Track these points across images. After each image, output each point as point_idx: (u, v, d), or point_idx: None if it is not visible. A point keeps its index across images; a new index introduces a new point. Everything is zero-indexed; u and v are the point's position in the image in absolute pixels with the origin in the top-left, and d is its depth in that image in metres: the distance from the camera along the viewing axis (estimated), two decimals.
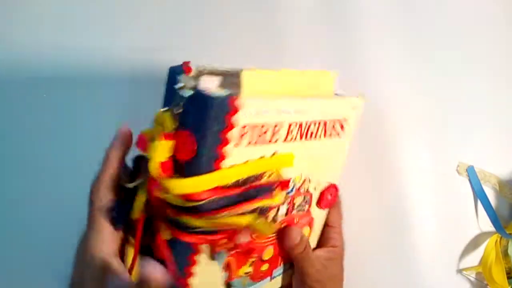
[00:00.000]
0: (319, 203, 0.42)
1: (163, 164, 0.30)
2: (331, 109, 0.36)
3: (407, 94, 0.55)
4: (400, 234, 0.54)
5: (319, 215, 0.43)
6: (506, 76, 0.55)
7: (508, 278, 0.51)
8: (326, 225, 0.44)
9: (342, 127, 0.38)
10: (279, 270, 0.43)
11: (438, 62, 0.55)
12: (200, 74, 0.32)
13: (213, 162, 0.30)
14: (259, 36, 0.54)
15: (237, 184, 0.32)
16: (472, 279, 0.53)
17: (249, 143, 0.31)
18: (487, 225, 0.53)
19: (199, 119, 0.29)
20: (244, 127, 0.30)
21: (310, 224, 0.43)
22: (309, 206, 0.41)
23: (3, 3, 0.53)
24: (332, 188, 0.42)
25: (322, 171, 0.40)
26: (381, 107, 0.55)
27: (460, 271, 0.53)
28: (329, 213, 0.44)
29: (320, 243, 0.45)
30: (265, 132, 0.32)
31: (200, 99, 0.29)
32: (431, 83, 0.55)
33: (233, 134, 0.30)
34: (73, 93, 0.53)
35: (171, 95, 0.31)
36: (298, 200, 0.39)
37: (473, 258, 0.53)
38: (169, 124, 0.30)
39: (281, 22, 0.55)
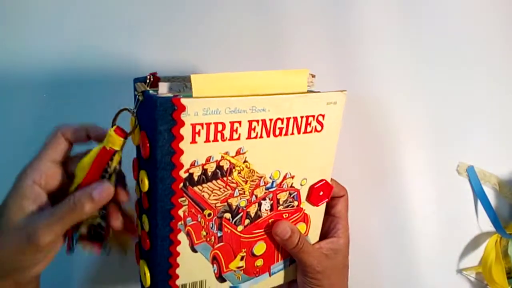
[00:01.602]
0: (310, 199, 0.42)
1: (104, 149, 0.36)
2: (299, 106, 0.37)
3: (407, 94, 0.55)
4: (400, 234, 0.54)
5: (315, 211, 0.43)
6: (505, 77, 0.55)
7: (508, 278, 0.51)
8: (331, 215, 0.44)
9: (320, 123, 0.39)
10: (278, 266, 0.44)
11: (439, 62, 0.55)
12: (163, 81, 0.36)
13: (170, 158, 0.34)
14: (260, 39, 0.54)
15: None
16: (472, 279, 0.53)
17: (207, 140, 0.35)
18: (487, 225, 0.53)
19: (150, 119, 0.33)
20: (195, 125, 0.34)
21: (306, 220, 0.43)
22: (299, 202, 0.42)
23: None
24: (324, 184, 0.42)
25: (306, 167, 0.40)
26: (381, 107, 0.55)
27: (460, 271, 0.53)
28: (335, 203, 0.44)
29: (324, 233, 0.45)
30: (222, 130, 0.35)
31: (147, 102, 0.34)
32: (432, 84, 0.55)
33: (184, 132, 0.33)
34: (68, 94, 0.54)
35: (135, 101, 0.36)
36: (282, 196, 0.40)
37: (473, 258, 0.53)
38: (132, 122, 0.36)
39: (281, 24, 0.55)
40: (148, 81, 0.36)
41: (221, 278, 0.41)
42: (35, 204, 0.34)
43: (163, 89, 0.35)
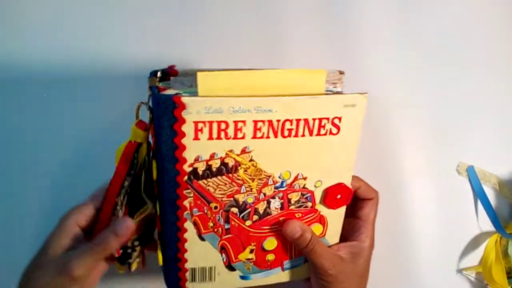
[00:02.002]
0: (325, 202, 0.41)
1: (129, 143, 0.39)
2: (310, 107, 0.36)
3: (407, 94, 0.55)
4: (400, 234, 0.54)
5: (333, 213, 0.42)
6: (506, 76, 0.55)
7: (508, 278, 0.51)
8: (357, 217, 0.43)
9: (336, 125, 0.38)
10: (292, 262, 0.43)
11: (439, 62, 0.55)
12: (183, 74, 0.36)
13: (173, 152, 0.35)
14: (260, 37, 0.55)
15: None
16: (472, 279, 0.53)
17: (210, 138, 0.35)
18: (487, 225, 0.53)
19: (155, 115, 0.35)
20: (197, 123, 0.35)
21: (322, 221, 0.42)
22: (313, 203, 0.41)
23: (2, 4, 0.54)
24: (341, 187, 0.41)
25: (320, 169, 0.39)
26: (381, 107, 0.55)
27: (460, 271, 0.53)
28: (363, 205, 0.43)
29: (347, 236, 0.43)
30: (225, 129, 0.35)
31: (153, 97, 0.35)
32: (431, 83, 0.55)
33: (186, 129, 0.35)
34: (72, 93, 0.54)
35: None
36: (294, 196, 0.40)
37: (473, 258, 0.53)
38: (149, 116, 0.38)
39: (281, 24, 0.55)
40: (158, 75, 0.36)
41: (230, 267, 0.41)
42: (73, 241, 0.38)
43: (173, 84, 0.36)
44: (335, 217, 0.42)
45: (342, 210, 0.42)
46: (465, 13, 0.56)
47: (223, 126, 0.35)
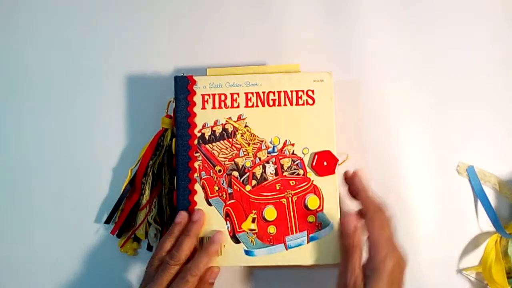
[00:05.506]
0: (314, 167, 0.46)
1: (160, 130, 0.51)
2: (287, 82, 0.46)
3: (407, 94, 0.55)
4: (400, 234, 0.54)
5: (325, 184, 0.46)
6: (506, 76, 0.56)
7: (508, 278, 0.51)
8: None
9: (310, 97, 0.46)
10: (295, 239, 0.45)
11: (439, 61, 0.56)
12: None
13: (186, 119, 0.47)
14: (259, 34, 0.55)
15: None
16: (472, 279, 0.53)
17: (213, 107, 0.47)
18: (487, 225, 0.53)
19: (175, 90, 0.47)
20: (204, 95, 0.47)
21: (317, 192, 0.45)
22: (304, 171, 0.46)
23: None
24: (327, 155, 0.45)
25: (305, 136, 0.46)
26: (381, 107, 0.55)
27: (460, 271, 0.53)
28: (365, 223, 0.43)
29: None
30: (224, 100, 0.46)
31: (174, 78, 0.47)
32: (432, 83, 0.55)
33: (196, 99, 0.46)
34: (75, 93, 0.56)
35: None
36: (286, 162, 0.46)
37: (473, 258, 0.53)
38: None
39: (281, 22, 0.56)
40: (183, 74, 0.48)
41: (235, 238, 0.46)
42: None
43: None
44: (329, 190, 0.46)
45: (334, 182, 0.46)
46: (466, 13, 0.56)
47: (222, 97, 0.46)
